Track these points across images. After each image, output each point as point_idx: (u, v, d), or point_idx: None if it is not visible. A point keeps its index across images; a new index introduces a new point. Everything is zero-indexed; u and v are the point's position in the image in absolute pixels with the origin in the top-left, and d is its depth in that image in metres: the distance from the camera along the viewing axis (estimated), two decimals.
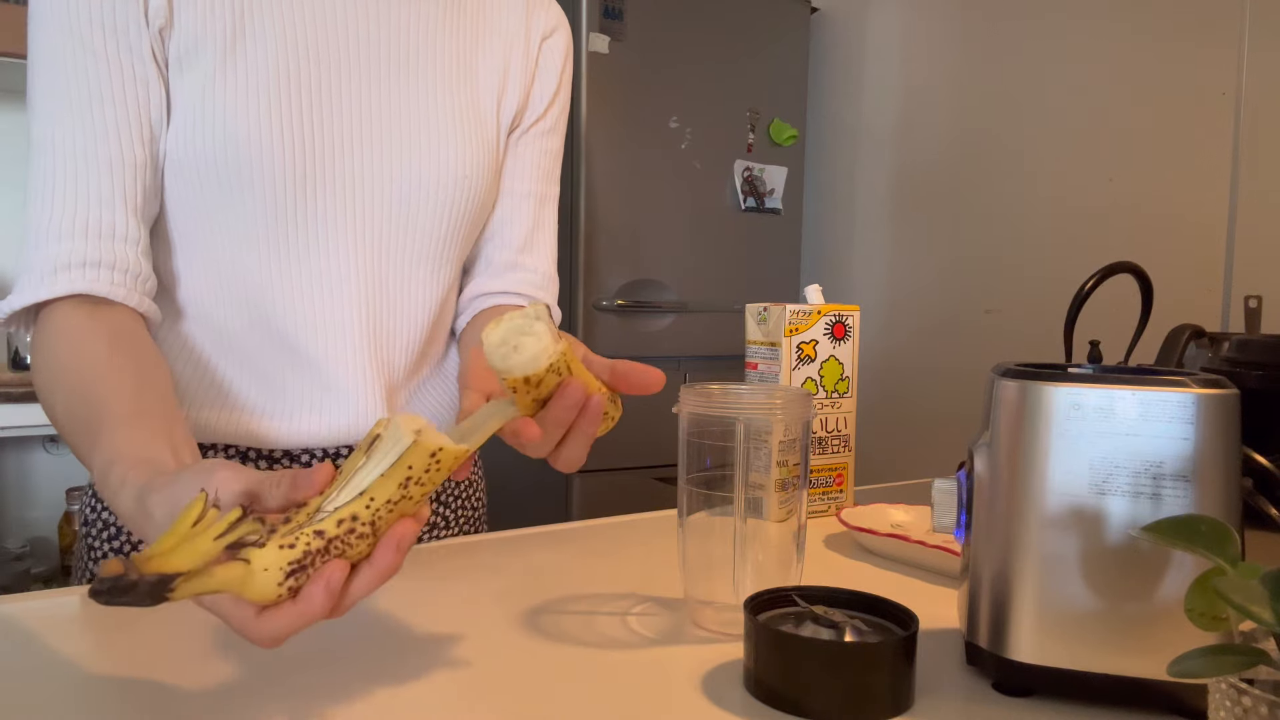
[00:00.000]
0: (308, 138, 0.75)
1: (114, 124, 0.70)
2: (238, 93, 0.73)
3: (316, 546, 0.45)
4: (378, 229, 0.80)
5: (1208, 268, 1.79)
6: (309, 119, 0.75)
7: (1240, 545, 0.43)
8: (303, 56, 0.75)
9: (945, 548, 0.78)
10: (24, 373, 1.75)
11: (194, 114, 0.73)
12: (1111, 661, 0.52)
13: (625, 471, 2.30)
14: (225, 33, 0.73)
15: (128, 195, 0.71)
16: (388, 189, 0.80)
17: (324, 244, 0.78)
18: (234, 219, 0.76)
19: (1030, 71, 2.13)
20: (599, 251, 2.24)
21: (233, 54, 0.73)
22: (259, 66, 0.73)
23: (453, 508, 0.96)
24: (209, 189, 0.74)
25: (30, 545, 2.00)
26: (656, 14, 2.28)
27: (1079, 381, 0.53)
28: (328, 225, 0.78)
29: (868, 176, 2.58)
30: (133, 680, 0.56)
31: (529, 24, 0.90)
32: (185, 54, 0.72)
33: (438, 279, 0.86)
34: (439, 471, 0.48)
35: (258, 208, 0.75)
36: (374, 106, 0.78)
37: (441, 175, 0.82)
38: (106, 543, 0.84)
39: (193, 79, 0.72)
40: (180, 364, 0.81)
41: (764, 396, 0.64)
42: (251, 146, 0.73)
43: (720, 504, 0.63)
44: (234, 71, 0.73)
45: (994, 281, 2.22)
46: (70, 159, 0.69)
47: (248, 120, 0.73)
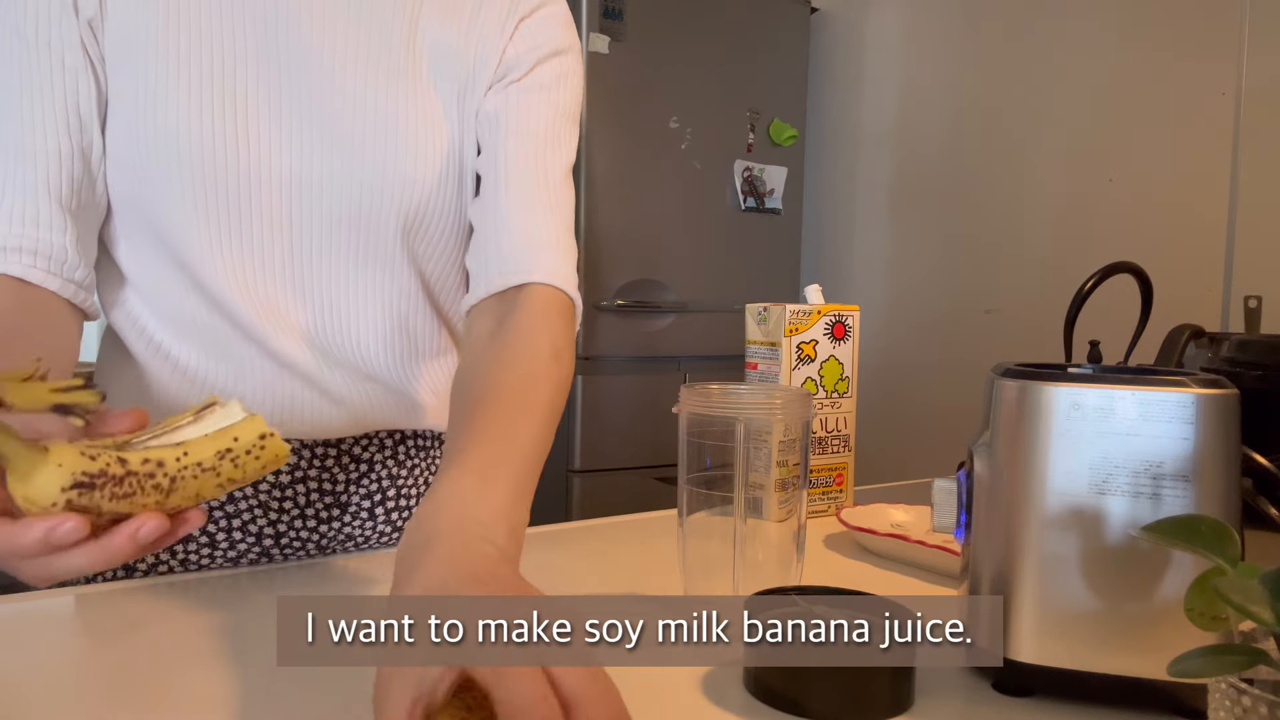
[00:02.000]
0: (241, 132, 0.72)
1: (40, 114, 0.70)
2: (170, 86, 0.70)
3: (114, 472, 0.42)
4: (311, 227, 0.75)
5: (1208, 268, 1.79)
6: (243, 113, 0.72)
7: (1240, 545, 0.43)
8: (239, 48, 0.72)
9: (945, 548, 0.78)
10: None
11: (130, 108, 0.71)
12: (1111, 661, 0.52)
13: (625, 471, 2.30)
14: (157, 25, 0.70)
15: (51, 185, 0.70)
16: (321, 185, 0.74)
17: (257, 242, 0.75)
18: (178, 213, 0.73)
19: (1030, 71, 2.13)
20: (599, 251, 2.24)
21: (165, 46, 0.70)
22: (192, 58, 0.71)
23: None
24: (151, 183, 0.72)
25: None
26: (656, 14, 2.28)
27: (1079, 381, 0.53)
28: (258, 222, 0.74)
29: (868, 176, 2.58)
30: (132, 680, 0.56)
31: (506, 13, 0.80)
32: (119, 47, 0.71)
33: (389, 280, 0.80)
34: (257, 460, 0.47)
35: (198, 202, 0.72)
36: (323, 96, 0.74)
37: (384, 175, 0.75)
38: None
39: (128, 72, 0.71)
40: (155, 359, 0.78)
41: (764, 396, 0.64)
42: (184, 139, 0.70)
43: (720, 504, 0.63)
44: (167, 64, 0.70)
45: (994, 281, 2.22)
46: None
47: (172, 116, 0.70)
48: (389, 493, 0.86)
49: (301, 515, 0.82)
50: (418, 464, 0.89)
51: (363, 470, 0.85)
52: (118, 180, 0.73)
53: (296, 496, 0.82)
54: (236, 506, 0.80)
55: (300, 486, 0.81)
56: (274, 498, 0.80)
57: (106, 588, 0.73)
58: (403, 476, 0.87)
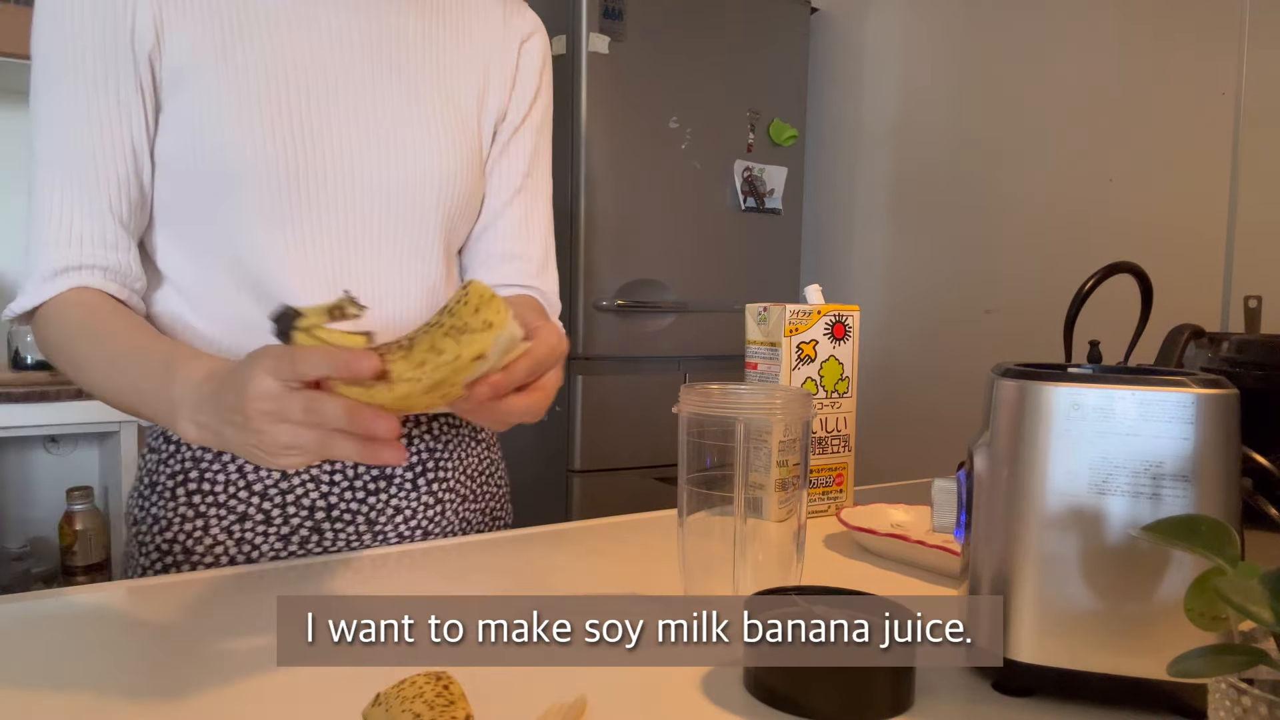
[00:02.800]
0: (298, 143, 0.80)
1: (102, 145, 0.78)
2: (231, 104, 0.78)
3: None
4: (365, 224, 0.84)
5: (1208, 268, 1.79)
6: (299, 125, 0.80)
7: (1240, 545, 0.43)
8: (292, 66, 0.80)
9: (945, 548, 0.78)
10: (24, 372, 1.76)
11: (190, 125, 0.78)
12: (1111, 661, 0.52)
13: (625, 471, 2.30)
14: (216, 50, 0.78)
15: (114, 209, 0.79)
16: (376, 187, 0.84)
17: (317, 241, 0.82)
18: (232, 220, 0.80)
19: (1030, 71, 2.13)
20: (599, 251, 2.24)
21: (224, 68, 0.78)
22: (250, 78, 0.78)
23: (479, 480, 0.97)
24: (207, 193, 0.80)
25: (30, 545, 2.00)
26: (656, 14, 2.28)
27: (1079, 381, 0.53)
28: (319, 224, 0.82)
29: (867, 176, 2.58)
30: (132, 680, 0.56)
31: (506, 30, 0.94)
32: (177, 72, 0.78)
33: (429, 269, 0.89)
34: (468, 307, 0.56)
35: (252, 209, 0.80)
36: (361, 110, 0.83)
37: (427, 173, 0.86)
38: (158, 535, 0.85)
39: (186, 93, 0.78)
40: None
41: (764, 396, 0.64)
42: (244, 152, 0.78)
43: (720, 504, 0.63)
44: (227, 84, 0.78)
45: (994, 281, 2.22)
46: (64, 176, 0.77)
47: (240, 129, 0.78)
48: (428, 464, 0.92)
49: (350, 487, 0.87)
50: (450, 440, 0.94)
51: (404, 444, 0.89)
52: (171, 190, 0.81)
53: (345, 469, 0.87)
54: (290, 483, 0.85)
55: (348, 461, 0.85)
56: (325, 471, 0.86)
57: (107, 588, 0.73)
58: (439, 450, 0.93)
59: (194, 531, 0.83)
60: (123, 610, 0.68)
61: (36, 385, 1.62)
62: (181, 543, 0.84)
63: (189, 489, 0.84)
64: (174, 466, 0.85)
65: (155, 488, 0.86)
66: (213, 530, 0.83)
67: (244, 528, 0.84)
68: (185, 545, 0.84)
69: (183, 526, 0.84)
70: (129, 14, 0.77)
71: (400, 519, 0.89)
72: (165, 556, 0.84)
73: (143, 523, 0.86)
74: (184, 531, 0.84)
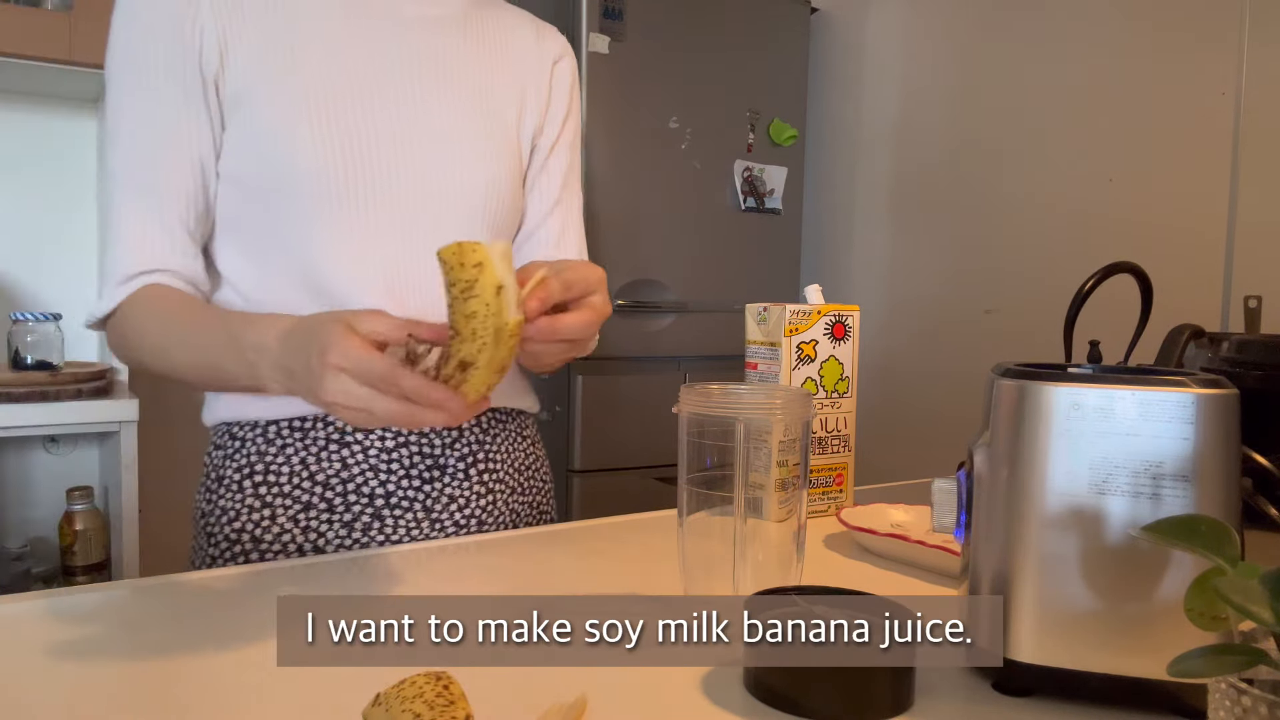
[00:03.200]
0: (353, 153, 0.86)
1: (172, 161, 0.85)
2: (292, 121, 0.84)
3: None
4: (417, 228, 0.89)
5: (1208, 268, 1.79)
6: (354, 137, 0.86)
7: (1240, 545, 0.43)
8: (345, 84, 0.87)
9: (945, 548, 0.78)
10: (24, 372, 1.75)
11: (255, 140, 0.85)
12: (1111, 661, 0.52)
13: (625, 471, 2.30)
14: (275, 71, 0.85)
15: (183, 219, 0.86)
16: (423, 194, 0.89)
17: (371, 242, 0.88)
18: (293, 226, 0.86)
19: (1030, 71, 2.13)
20: (599, 251, 2.24)
21: (284, 88, 0.85)
22: (309, 96, 0.85)
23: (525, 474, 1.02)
24: (270, 202, 0.86)
25: (30, 545, 2.00)
26: (656, 14, 2.28)
27: (1079, 381, 0.53)
28: (374, 227, 0.88)
29: (867, 176, 2.58)
30: (132, 680, 0.56)
31: (540, 50, 1.02)
32: (240, 92, 0.85)
33: None
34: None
35: (312, 216, 0.86)
36: (409, 123, 0.89)
37: (470, 181, 0.92)
38: (226, 526, 0.89)
39: (250, 110, 0.85)
40: None
41: (764, 396, 0.64)
42: (305, 163, 0.84)
43: (720, 504, 0.63)
44: (288, 103, 0.85)
45: (994, 281, 2.22)
46: (137, 189, 0.85)
47: (301, 142, 0.84)
48: (478, 455, 0.96)
49: (407, 475, 0.91)
50: (499, 433, 0.98)
51: (455, 436, 0.94)
52: (236, 200, 0.87)
53: (402, 459, 0.91)
54: (350, 472, 0.89)
55: (404, 450, 0.91)
56: (383, 460, 0.90)
57: (106, 587, 0.73)
58: (488, 443, 0.97)
59: (261, 521, 0.88)
60: (123, 610, 0.68)
61: (36, 385, 1.62)
62: (250, 532, 0.88)
63: (255, 481, 0.89)
64: (240, 461, 0.90)
65: (223, 482, 0.90)
66: (279, 519, 0.88)
67: (309, 516, 0.88)
68: (254, 535, 0.88)
69: (250, 517, 0.88)
70: (196, 39, 0.83)
71: (455, 507, 0.93)
72: (234, 546, 0.89)
73: (210, 515, 0.91)
74: (252, 521, 0.88)
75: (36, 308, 1.96)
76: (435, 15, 0.94)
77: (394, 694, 0.48)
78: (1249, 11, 1.73)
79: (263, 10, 0.86)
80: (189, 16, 0.83)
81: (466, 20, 0.97)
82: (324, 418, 0.89)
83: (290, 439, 0.89)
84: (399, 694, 0.48)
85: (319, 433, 0.89)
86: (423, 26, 0.93)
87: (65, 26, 1.65)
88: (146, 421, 1.74)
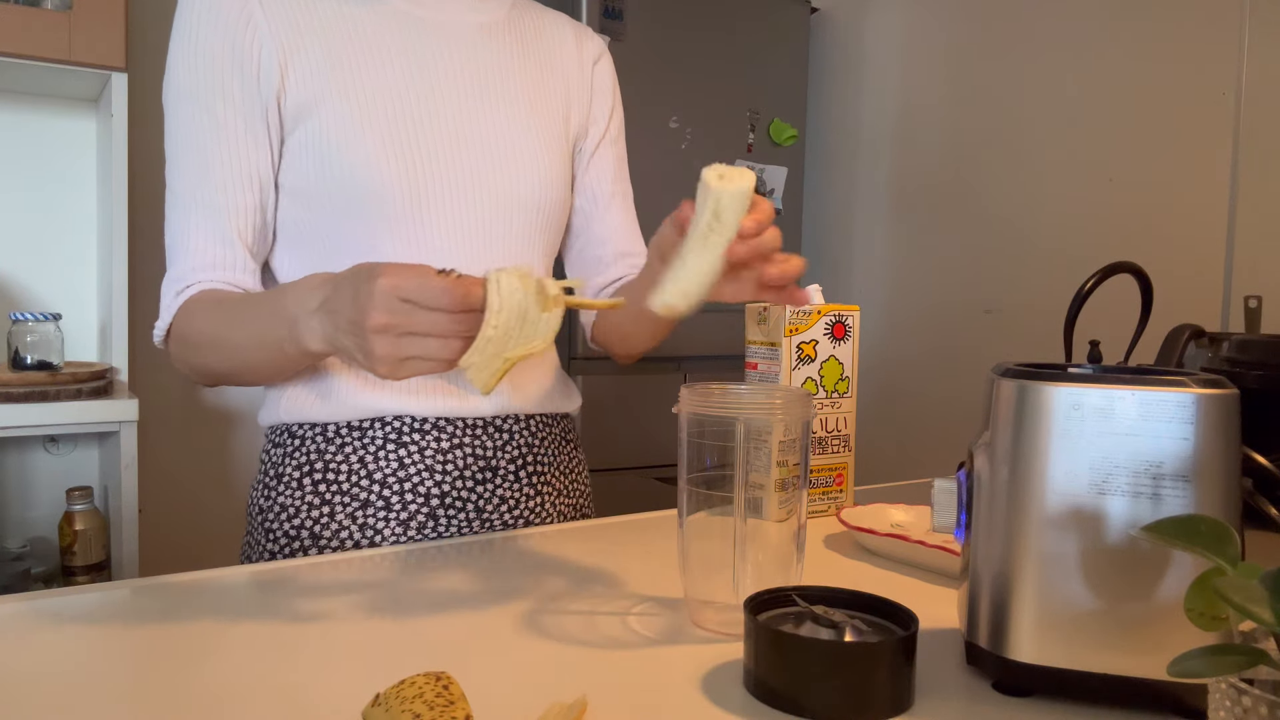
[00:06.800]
0: (412, 161, 0.89)
1: (231, 178, 0.87)
2: (352, 132, 0.87)
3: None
4: (475, 231, 0.93)
5: (1208, 268, 1.79)
6: (413, 146, 0.89)
7: (1240, 545, 0.43)
8: (402, 96, 0.90)
9: (945, 548, 0.78)
10: (24, 372, 1.75)
11: (318, 153, 0.87)
12: (1111, 661, 0.52)
13: (625, 471, 2.30)
14: (336, 86, 0.88)
15: (242, 235, 0.89)
16: (482, 197, 0.93)
17: (429, 245, 0.91)
18: (354, 233, 0.89)
19: (1030, 71, 2.13)
20: None
21: (345, 102, 0.88)
22: (369, 110, 0.88)
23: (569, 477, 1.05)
24: (333, 211, 0.89)
25: (30, 545, 2.00)
26: (656, 14, 2.28)
27: (1079, 381, 0.53)
28: (432, 230, 0.91)
29: (867, 176, 2.58)
30: (132, 680, 0.56)
31: (581, 54, 1.06)
32: (301, 107, 0.88)
33: (531, 262, 0.98)
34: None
35: (373, 221, 0.89)
36: (466, 131, 0.93)
37: (526, 182, 0.96)
38: (285, 522, 0.91)
39: (310, 124, 0.88)
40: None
41: (764, 396, 0.64)
42: (366, 172, 0.87)
43: (720, 504, 0.63)
44: (349, 116, 0.87)
45: (994, 281, 2.22)
46: (198, 206, 0.87)
47: (360, 154, 0.87)
48: (528, 458, 0.99)
49: (460, 477, 0.93)
50: (546, 437, 1.02)
51: (505, 439, 0.97)
52: (298, 211, 0.90)
53: (456, 460, 0.93)
54: (407, 471, 0.91)
55: (458, 453, 0.94)
56: (438, 461, 0.92)
57: (106, 587, 0.73)
58: (536, 445, 1.00)
59: (320, 518, 0.91)
60: (123, 610, 0.68)
61: (36, 385, 1.62)
62: (309, 529, 0.91)
63: (314, 479, 0.91)
64: (299, 459, 0.92)
65: (281, 479, 0.93)
66: (338, 516, 0.90)
67: (366, 514, 0.90)
68: (312, 531, 0.90)
69: (309, 514, 0.91)
70: (255, 58, 0.86)
71: (505, 508, 0.96)
72: (293, 541, 0.91)
73: (269, 511, 0.93)
74: (310, 518, 0.91)
75: (36, 308, 1.96)
76: (483, 22, 0.98)
77: (394, 694, 0.48)
78: (1249, 11, 1.73)
79: (321, 26, 0.89)
80: (247, 36, 0.86)
81: (510, 26, 1.00)
82: (381, 419, 0.91)
83: (349, 438, 0.91)
84: (399, 694, 0.48)
85: (376, 433, 0.91)
86: (473, 35, 0.96)
87: (65, 26, 1.65)
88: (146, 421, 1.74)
